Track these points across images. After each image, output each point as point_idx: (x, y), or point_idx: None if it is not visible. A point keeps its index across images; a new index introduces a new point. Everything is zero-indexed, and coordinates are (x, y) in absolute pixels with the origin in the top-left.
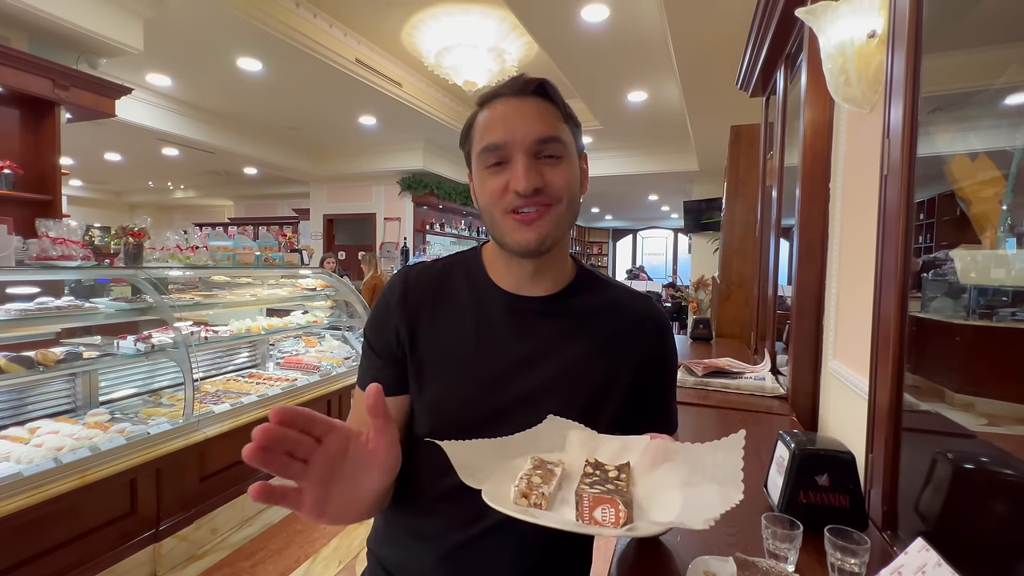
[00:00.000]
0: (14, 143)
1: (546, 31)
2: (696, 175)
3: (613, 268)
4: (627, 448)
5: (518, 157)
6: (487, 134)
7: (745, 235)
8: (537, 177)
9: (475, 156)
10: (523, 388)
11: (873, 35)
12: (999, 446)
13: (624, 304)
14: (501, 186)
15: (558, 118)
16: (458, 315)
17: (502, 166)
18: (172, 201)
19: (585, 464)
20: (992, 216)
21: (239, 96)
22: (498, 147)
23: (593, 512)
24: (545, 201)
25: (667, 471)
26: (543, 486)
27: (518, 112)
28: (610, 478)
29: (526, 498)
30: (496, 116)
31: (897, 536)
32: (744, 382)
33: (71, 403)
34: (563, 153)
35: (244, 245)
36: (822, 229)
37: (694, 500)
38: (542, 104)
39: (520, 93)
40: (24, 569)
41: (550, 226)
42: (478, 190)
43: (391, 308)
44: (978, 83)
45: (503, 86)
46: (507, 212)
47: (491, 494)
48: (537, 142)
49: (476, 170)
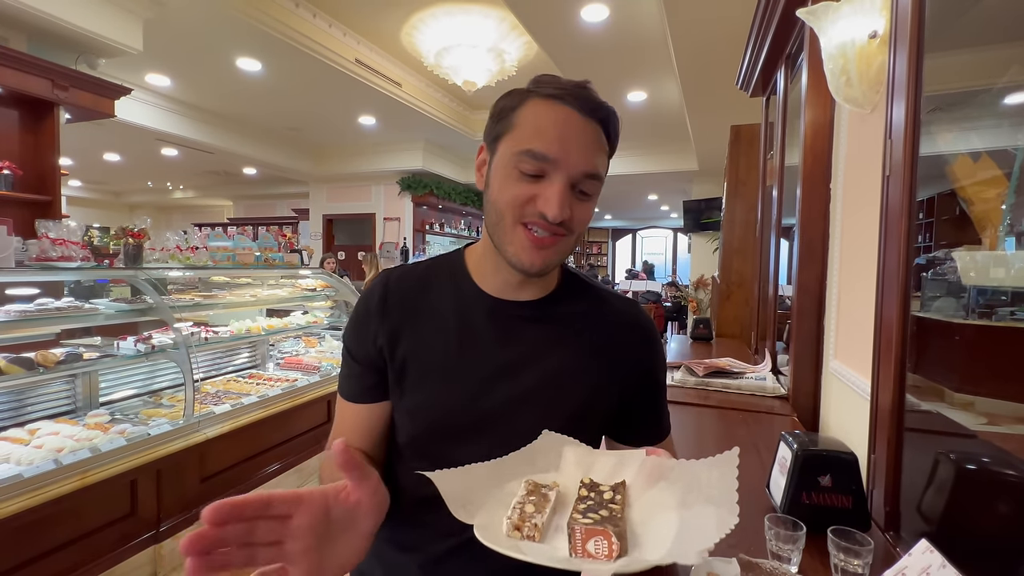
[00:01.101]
0: (13, 144)
1: (546, 31)
2: (696, 175)
3: (613, 268)
4: (623, 465)
5: (559, 179)
6: (538, 138)
7: (745, 235)
8: (568, 209)
9: (510, 150)
10: (506, 395)
11: (875, 35)
12: (999, 445)
13: (611, 309)
14: (527, 196)
15: (605, 153)
16: (440, 320)
17: (538, 179)
18: (171, 201)
19: (580, 486)
20: (993, 216)
21: (238, 96)
22: (545, 159)
23: (586, 545)
24: (562, 232)
25: (663, 490)
26: (536, 515)
27: (579, 133)
28: (605, 501)
29: (519, 530)
30: (555, 124)
31: (900, 537)
32: (745, 382)
33: (71, 404)
34: (594, 192)
35: (244, 245)
36: (823, 229)
37: (690, 526)
38: (600, 134)
39: (589, 114)
40: (25, 570)
41: (557, 255)
42: (497, 185)
43: (370, 313)
44: (980, 83)
45: (571, 92)
46: (521, 223)
47: (483, 528)
48: (583, 174)
49: (504, 164)
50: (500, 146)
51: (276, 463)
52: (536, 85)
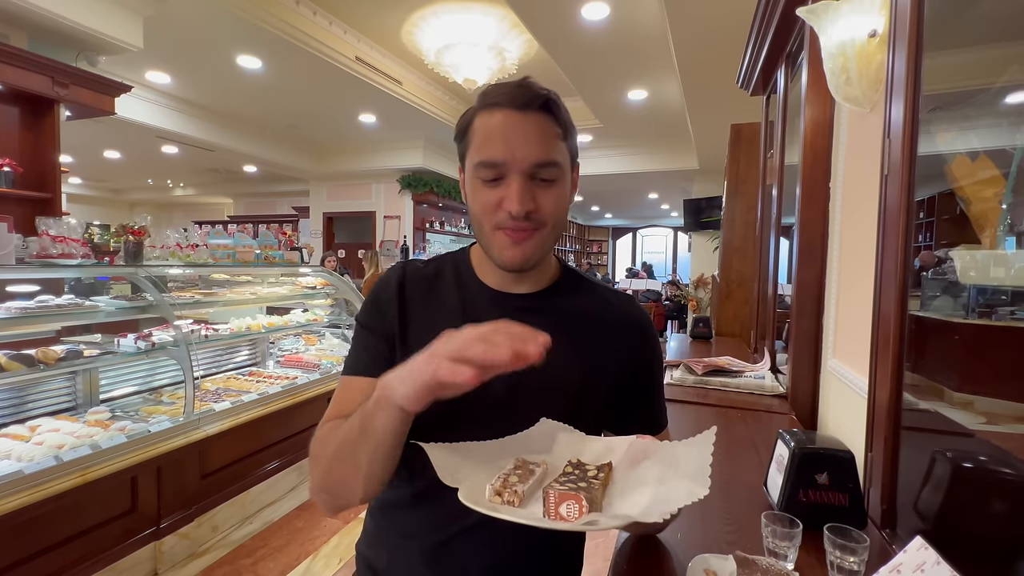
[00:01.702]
0: (13, 141)
1: (546, 29)
2: (696, 173)
3: (613, 266)
4: (611, 449)
5: (514, 178)
6: (485, 148)
7: (745, 234)
8: (530, 201)
9: (471, 164)
10: (505, 385)
11: (874, 34)
12: (998, 445)
13: (607, 305)
14: (495, 202)
15: (558, 137)
16: (447, 312)
17: (497, 182)
18: (172, 199)
19: (566, 464)
20: (992, 216)
21: (239, 94)
22: (496, 165)
23: (559, 508)
24: (532, 226)
25: (645, 469)
26: (518, 484)
27: (519, 130)
28: (588, 477)
29: (500, 496)
30: (496, 130)
31: (896, 534)
32: (744, 381)
33: (72, 401)
34: (557, 176)
35: (244, 243)
36: (822, 228)
37: (661, 496)
38: (544, 122)
39: (524, 108)
40: (26, 566)
41: (535, 248)
42: (470, 197)
43: (390, 294)
44: (978, 82)
45: (506, 94)
46: (497, 228)
47: (466, 492)
48: (534, 166)
49: (470, 178)
50: (466, 162)
51: (276, 460)
52: (481, 99)
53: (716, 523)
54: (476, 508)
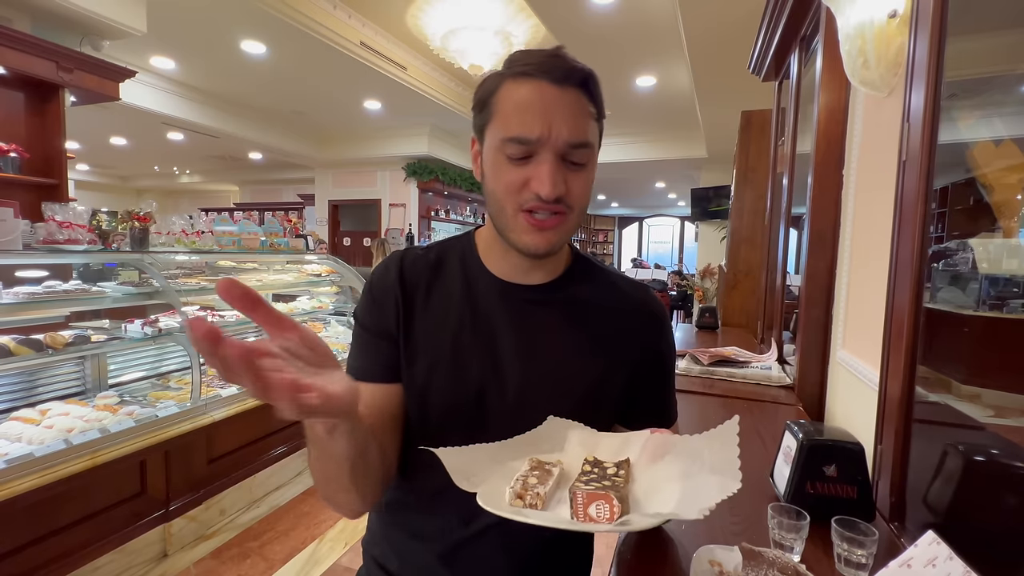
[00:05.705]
0: (19, 126)
1: (553, 13)
2: (704, 162)
3: (619, 256)
4: (627, 444)
5: (546, 157)
6: (517, 123)
7: (754, 223)
8: (562, 184)
9: (495, 139)
10: (516, 378)
11: (894, 15)
12: (1007, 438)
13: (621, 293)
14: (521, 181)
15: (592, 117)
16: (451, 302)
17: (526, 160)
18: (178, 186)
19: (584, 463)
20: (1014, 203)
21: (243, 80)
22: (528, 142)
23: (588, 509)
24: (562, 209)
25: (667, 464)
26: (539, 486)
27: (556, 106)
28: (608, 475)
29: (521, 499)
30: (531, 103)
31: (905, 528)
32: (750, 371)
33: (80, 386)
34: (588, 160)
35: (249, 230)
36: (834, 217)
37: (692, 491)
38: (581, 99)
39: (562, 82)
40: (37, 548)
41: (561, 234)
42: (491, 175)
43: (388, 288)
44: (1003, 68)
45: (540, 64)
46: (521, 210)
47: (486, 496)
48: (569, 145)
49: (493, 153)
50: (487, 136)
51: (282, 446)
52: (508, 65)
53: (721, 514)
54: (500, 513)
